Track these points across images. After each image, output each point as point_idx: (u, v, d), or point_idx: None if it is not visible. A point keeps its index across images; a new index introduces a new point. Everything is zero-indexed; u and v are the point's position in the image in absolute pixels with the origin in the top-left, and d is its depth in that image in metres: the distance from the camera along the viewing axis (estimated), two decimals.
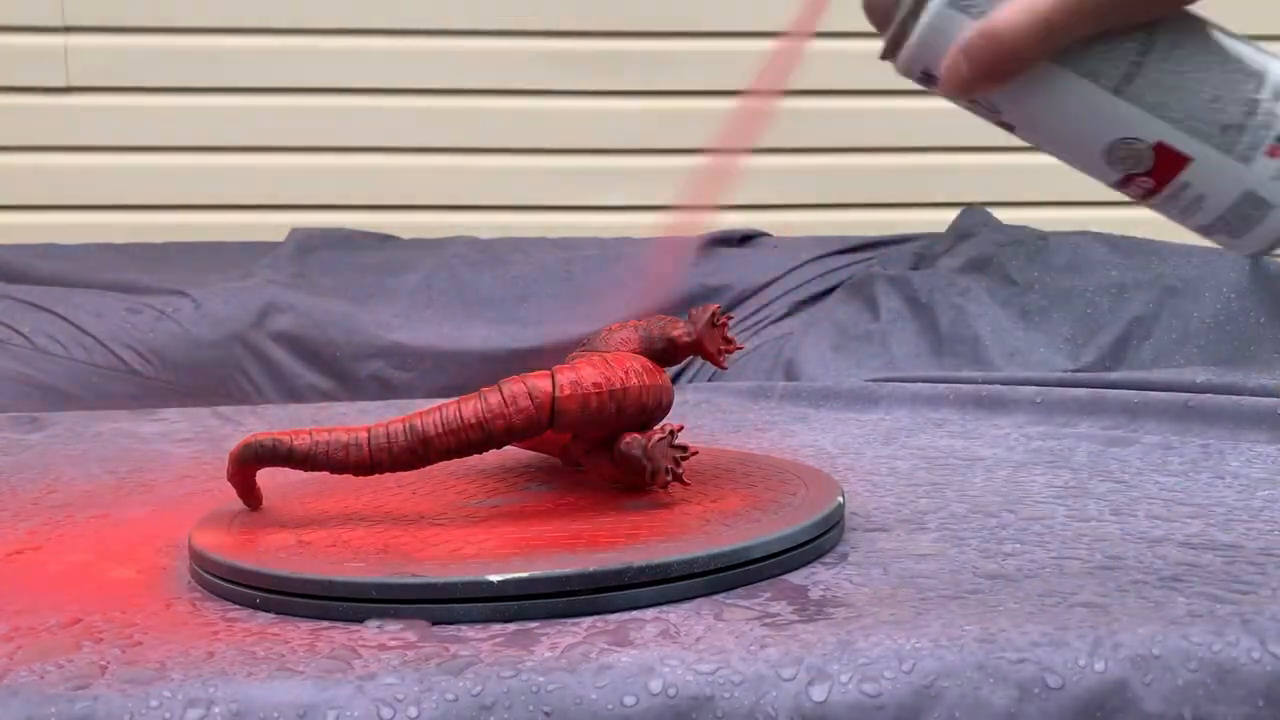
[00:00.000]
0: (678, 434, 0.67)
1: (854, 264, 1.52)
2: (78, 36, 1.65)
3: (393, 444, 0.64)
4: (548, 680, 0.48)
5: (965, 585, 0.58)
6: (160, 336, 1.33)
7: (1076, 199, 1.79)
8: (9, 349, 1.29)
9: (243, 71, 1.68)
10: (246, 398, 1.33)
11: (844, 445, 0.95)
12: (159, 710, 0.47)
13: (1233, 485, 0.77)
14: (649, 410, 0.67)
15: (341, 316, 1.39)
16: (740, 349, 0.74)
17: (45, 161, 1.67)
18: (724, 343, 0.73)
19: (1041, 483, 0.79)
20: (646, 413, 0.67)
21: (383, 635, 0.53)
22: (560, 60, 1.72)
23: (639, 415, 0.67)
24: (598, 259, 1.51)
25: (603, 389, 0.65)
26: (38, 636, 0.54)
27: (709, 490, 0.71)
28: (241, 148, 1.69)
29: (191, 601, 0.60)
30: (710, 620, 0.55)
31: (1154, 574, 0.59)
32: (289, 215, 1.67)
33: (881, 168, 1.77)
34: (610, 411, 0.65)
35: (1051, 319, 1.34)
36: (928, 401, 1.08)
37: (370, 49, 1.70)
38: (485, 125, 1.72)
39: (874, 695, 0.49)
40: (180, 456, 0.96)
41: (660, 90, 1.73)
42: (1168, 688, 0.50)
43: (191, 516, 0.70)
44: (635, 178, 1.74)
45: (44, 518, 0.76)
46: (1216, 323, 1.31)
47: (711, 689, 0.49)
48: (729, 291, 1.47)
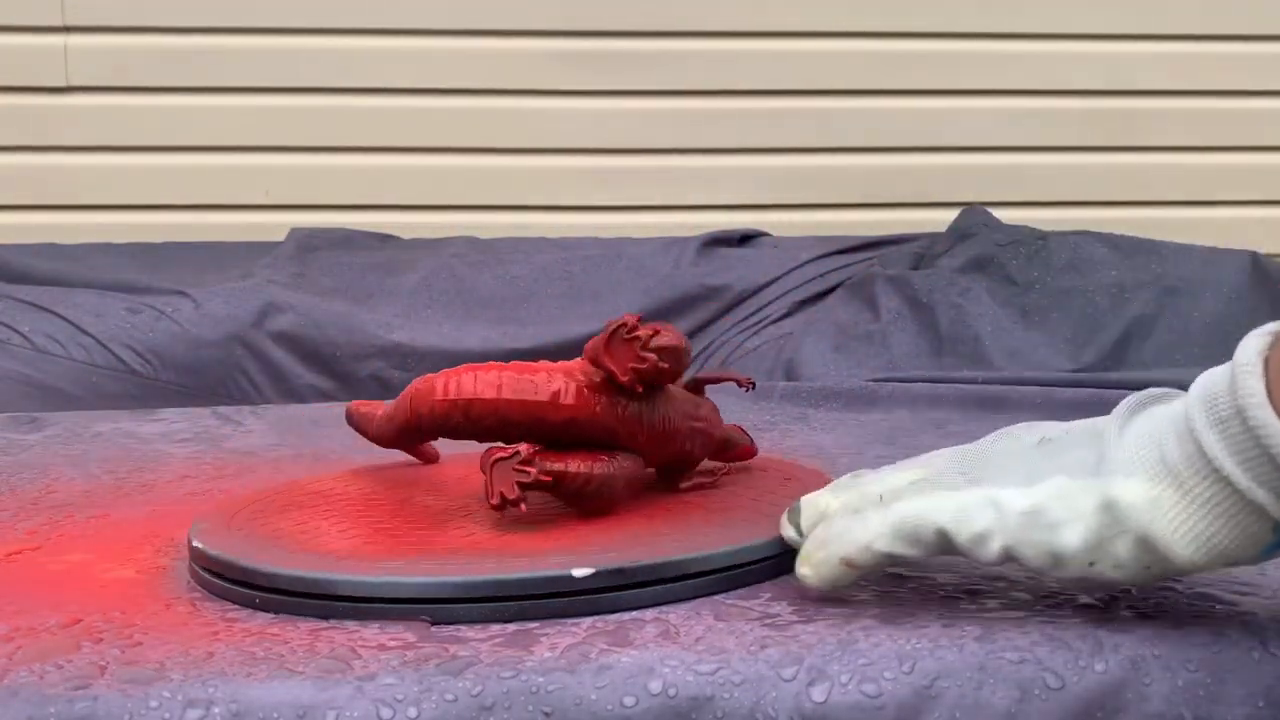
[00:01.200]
0: (528, 456, 0.63)
1: (854, 264, 1.52)
2: (78, 36, 1.65)
3: None
4: (548, 680, 0.48)
5: (965, 585, 0.58)
6: (160, 336, 1.33)
7: (1076, 199, 1.80)
8: (9, 349, 1.29)
9: (243, 71, 1.68)
10: (246, 398, 1.33)
11: (844, 445, 0.94)
12: (159, 710, 0.47)
13: None
14: (515, 424, 0.65)
15: (341, 316, 1.38)
16: (656, 368, 0.64)
17: (45, 161, 1.67)
18: (636, 360, 0.64)
19: None
20: (512, 425, 0.65)
21: (383, 635, 0.53)
22: (560, 60, 1.72)
23: (500, 427, 0.66)
24: (598, 259, 1.51)
25: (450, 396, 0.66)
26: (38, 636, 0.54)
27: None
28: (241, 148, 1.69)
29: (191, 601, 0.60)
30: (710, 620, 0.55)
31: None
32: (289, 215, 1.67)
33: (881, 168, 1.77)
34: (456, 420, 0.67)
35: (1051, 319, 1.33)
36: (928, 401, 1.07)
37: (370, 49, 1.70)
38: (485, 125, 1.72)
39: (874, 695, 0.49)
40: (180, 456, 0.96)
41: (660, 90, 1.73)
42: (1168, 688, 0.50)
43: (191, 516, 0.70)
44: (635, 178, 1.74)
45: (44, 518, 0.76)
46: (1216, 323, 1.31)
47: (711, 689, 0.49)
48: (729, 292, 1.47)
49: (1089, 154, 1.80)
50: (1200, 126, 1.81)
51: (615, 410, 0.66)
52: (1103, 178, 1.80)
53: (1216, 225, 1.77)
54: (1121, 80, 1.79)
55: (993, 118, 1.78)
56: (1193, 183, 1.82)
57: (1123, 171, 1.80)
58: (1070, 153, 1.79)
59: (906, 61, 1.74)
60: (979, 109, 1.78)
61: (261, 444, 1.01)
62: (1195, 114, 1.81)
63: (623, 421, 0.66)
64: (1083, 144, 1.79)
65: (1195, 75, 1.80)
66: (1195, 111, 1.81)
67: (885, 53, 1.73)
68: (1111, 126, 1.80)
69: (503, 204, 1.73)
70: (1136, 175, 1.81)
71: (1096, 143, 1.80)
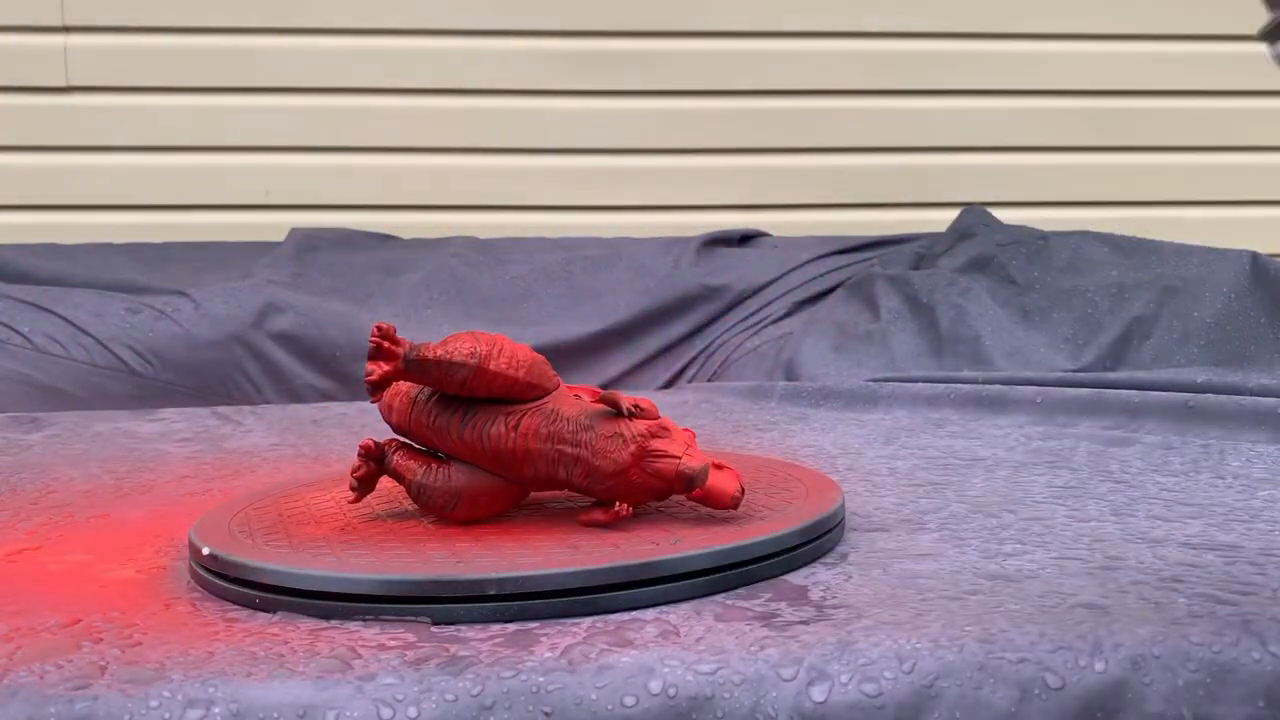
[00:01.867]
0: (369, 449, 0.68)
1: (854, 264, 1.52)
2: (78, 36, 1.65)
3: None
4: (548, 680, 0.48)
5: (965, 585, 0.58)
6: (160, 336, 1.33)
7: (1076, 199, 1.80)
8: (9, 349, 1.29)
9: (243, 71, 1.68)
10: (246, 397, 1.33)
11: (844, 445, 0.95)
12: (159, 710, 0.47)
13: (1233, 485, 0.77)
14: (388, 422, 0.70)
15: (341, 316, 1.38)
16: (396, 375, 0.67)
17: (45, 161, 1.67)
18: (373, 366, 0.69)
19: (1041, 483, 0.79)
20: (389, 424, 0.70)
21: (383, 635, 0.53)
22: (560, 60, 1.72)
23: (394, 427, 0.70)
24: (598, 259, 1.51)
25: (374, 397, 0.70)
26: (38, 636, 0.54)
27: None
28: (241, 148, 1.69)
29: (191, 601, 0.60)
30: (710, 620, 0.55)
31: (1154, 574, 0.59)
32: (289, 215, 1.67)
33: (881, 168, 1.77)
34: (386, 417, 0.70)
35: (1051, 319, 1.33)
36: (928, 401, 1.08)
37: (370, 49, 1.70)
38: (485, 125, 1.72)
39: (874, 695, 0.49)
40: (180, 456, 0.96)
41: (660, 90, 1.73)
42: (1168, 688, 0.50)
43: (191, 516, 0.70)
44: (635, 178, 1.74)
45: (44, 518, 0.76)
46: (1216, 323, 1.31)
47: (711, 689, 0.49)
48: (729, 292, 1.47)
49: (1089, 154, 1.80)
50: (1200, 126, 1.81)
51: (428, 420, 0.67)
52: (1103, 178, 1.80)
53: (1216, 225, 1.77)
54: (1121, 80, 1.79)
55: (993, 118, 1.78)
56: (1193, 183, 1.82)
57: (1123, 171, 1.80)
58: (1070, 153, 1.79)
59: (906, 61, 1.74)
60: (979, 109, 1.78)
61: (261, 444, 1.01)
62: (1195, 114, 1.81)
63: (433, 431, 0.67)
64: (1083, 144, 1.79)
65: (1195, 75, 1.80)
66: (1195, 111, 1.81)
67: (885, 53, 1.73)
68: (1111, 126, 1.80)
69: (503, 204, 1.73)
70: (1136, 175, 1.81)
71: (1096, 143, 1.80)
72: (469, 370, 0.65)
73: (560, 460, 0.65)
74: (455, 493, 0.65)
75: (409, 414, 0.68)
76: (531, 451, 0.65)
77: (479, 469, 0.66)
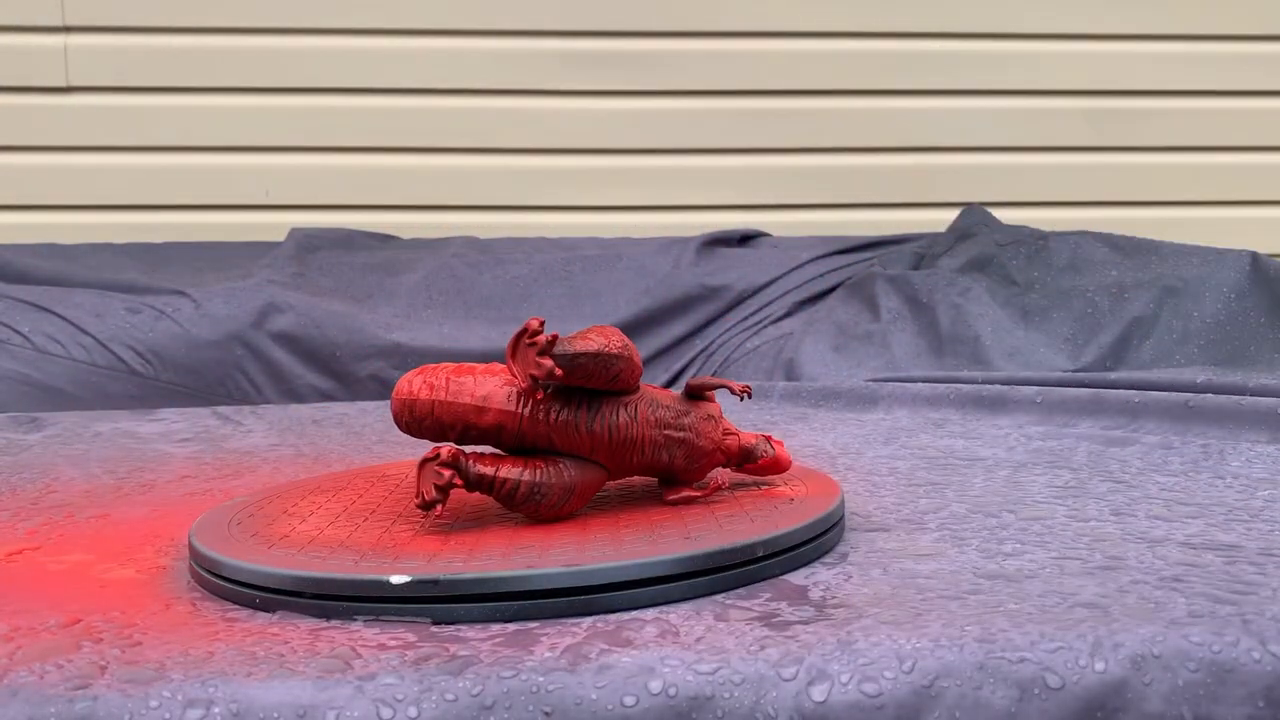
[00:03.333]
0: (448, 458, 0.64)
1: (854, 264, 1.52)
2: (78, 36, 1.65)
3: None
4: (548, 680, 0.48)
5: (965, 585, 0.58)
6: (160, 336, 1.33)
7: (1076, 199, 1.80)
8: (9, 349, 1.29)
9: (243, 71, 1.68)
10: (246, 398, 1.33)
11: (844, 445, 0.95)
12: (159, 710, 0.47)
13: (1233, 485, 0.77)
14: (448, 425, 0.66)
15: (341, 316, 1.39)
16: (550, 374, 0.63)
17: (45, 161, 1.67)
18: (534, 366, 0.64)
19: (1041, 483, 0.79)
20: (447, 427, 0.67)
21: (383, 635, 0.53)
22: (561, 60, 1.72)
23: (438, 428, 0.67)
24: (598, 259, 1.51)
25: (400, 395, 0.67)
26: (38, 636, 0.54)
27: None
28: (241, 148, 1.69)
29: (191, 601, 0.59)
30: (710, 620, 0.54)
31: (1154, 574, 0.59)
32: (289, 215, 1.67)
33: (881, 168, 1.77)
34: (406, 418, 0.67)
35: (1051, 319, 1.33)
36: (928, 401, 1.08)
37: (370, 49, 1.70)
38: (485, 125, 1.72)
39: (874, 695, 0.49)
40: (180, 456, 0.96)
41: (660, 90, 1.73)
42: (1168, 688, 0.50)
43: (191, 516, 0.70)
44: (635, 178, 1.74)
45: (44, 518, 0.76)
46: (1216, 323, 1.31)
47: (711, 689, 0.49)
48: (729, 292, 1.47)
49: (1089, 154, 1.80)
50: (1200, 126, 1.81)
51: (546, 416, 0.65)
52: (1103, 178, 1.80)
53: (1216, 225, 1.77)
54: (1121, 80, 1.80)
55: (993, 118, 1.78)
56: (1193, 183, 1.82)
57: (1123, 171, 1.81)
58: (1070, 153, 1.79)
59: (906, 61, 1.74)
60: (979, 109, 1.78)
61: (261, 444, 1.01)
62: (1195, 114, 1.81)
63: (556, 428, 0.65)
64: (1083, 144, 1.79)
65: (1195, 75, 1.80)
66: (1195, 111, 1.81)
67: (885, 53, 1.73)
68: (1111, 126, 1.80)
69: (503, 204, 1.73)
70: (1136, 175, 1.81)
71: (1096, 143, 1.80)
72: (624, 362, 0.65)
73: (666, 444, 0.68)
74: (569, 488, 0.65)
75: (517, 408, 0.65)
76: (646, 438, 0.67)
77: (587, 461, 0.66)
